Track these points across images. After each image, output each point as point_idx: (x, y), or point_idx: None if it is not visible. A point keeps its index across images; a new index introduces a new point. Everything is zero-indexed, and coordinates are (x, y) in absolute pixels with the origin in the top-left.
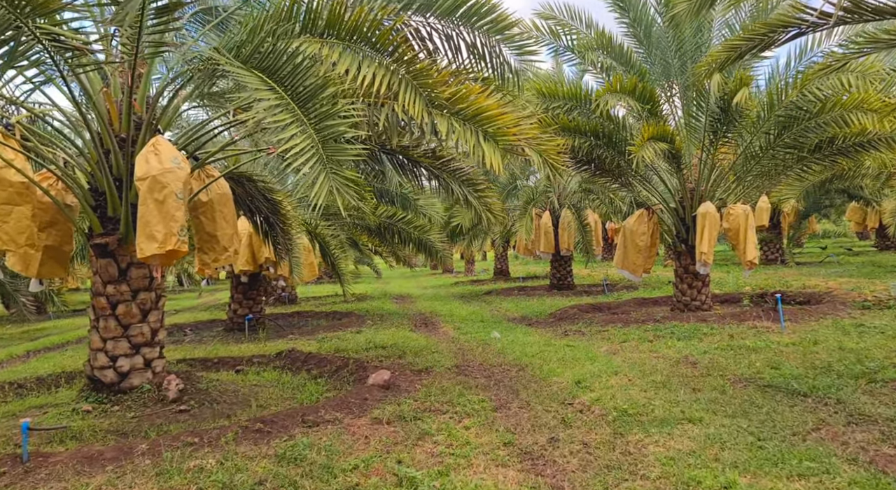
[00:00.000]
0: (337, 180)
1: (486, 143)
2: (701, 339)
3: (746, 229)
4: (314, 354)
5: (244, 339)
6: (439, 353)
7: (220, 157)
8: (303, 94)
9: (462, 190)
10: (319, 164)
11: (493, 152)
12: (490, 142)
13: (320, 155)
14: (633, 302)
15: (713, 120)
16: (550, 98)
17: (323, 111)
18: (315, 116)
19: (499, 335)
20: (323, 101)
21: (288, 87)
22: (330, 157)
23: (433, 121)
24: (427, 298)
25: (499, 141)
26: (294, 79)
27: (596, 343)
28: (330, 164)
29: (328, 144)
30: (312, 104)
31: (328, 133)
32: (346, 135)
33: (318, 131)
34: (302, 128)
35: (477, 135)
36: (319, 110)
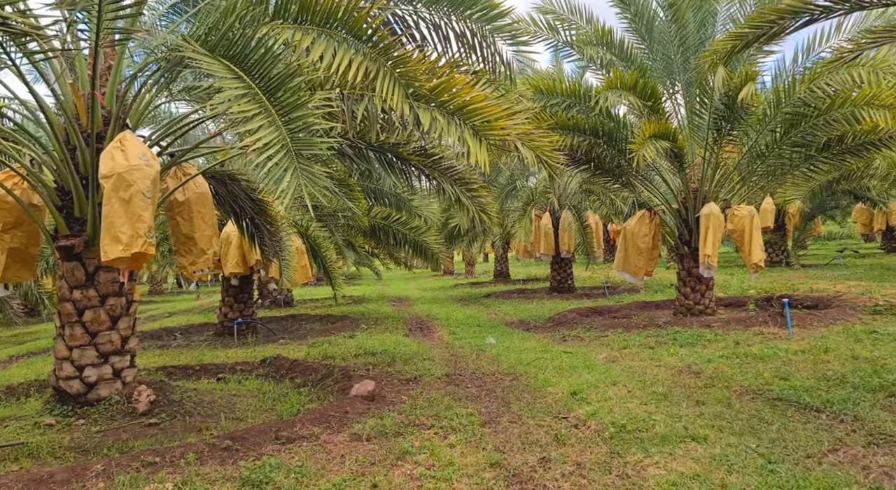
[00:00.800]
0: (307, 176)
1: (472, 138)
2: (705, 345)
3: (752, 231)
4: (300, 362)
5: (233, 343)
6: (431, 360)
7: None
8: (271, 83)
9: (454, 190)
10: (287, 158)
11: (480, 148)
12: (476, 136)
13: (288, 148)
14: (635, 305)
15: (717, 117)
16: (548, 95)
17: (291, 101)
18: (283, 107)
19: (494, 341)
20: (292, 91)
21: (256, 75)
22: (299, 151)
23: (416, 114)
24: (425, 301)
25: (486, 135)
26: (262, 67)
27: (595, 350)
28: (299, 159)
29: (297, 137)
30: (281, 94)
31: (297, 125)
32: (317, 127)
33: (287, 123)
34: (269, 119)
35: (462, 128)
36: (288, 100)
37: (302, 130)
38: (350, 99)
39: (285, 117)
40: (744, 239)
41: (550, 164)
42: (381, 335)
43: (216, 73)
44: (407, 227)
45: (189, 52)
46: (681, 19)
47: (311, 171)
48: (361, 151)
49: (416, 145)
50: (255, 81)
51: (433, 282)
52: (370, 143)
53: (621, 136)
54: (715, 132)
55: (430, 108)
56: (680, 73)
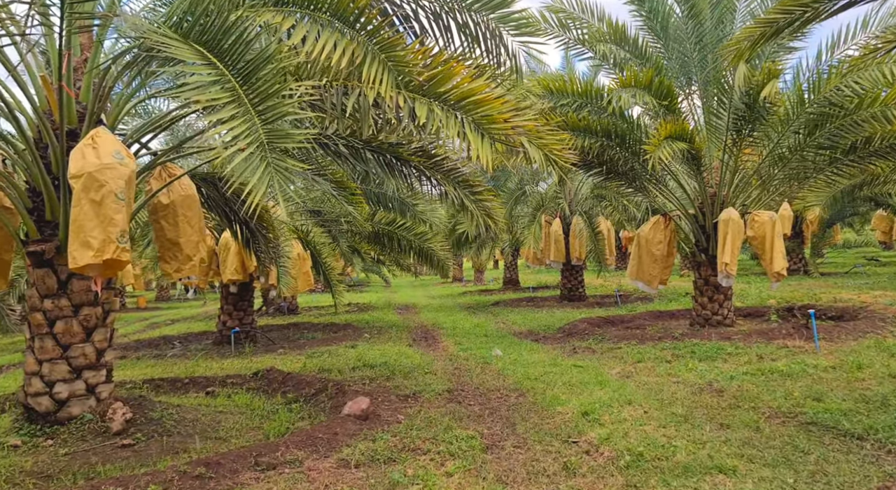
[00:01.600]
0: (280, 172)
1: (473, 133)
2: (725, 359)
3: (773, 238)
4: (293, 375)
5: (230, 353)
6: (432, 373)
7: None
8: (245, 69)
9: (457, 193)
10: (259, 151)
11: (482, 144)
12: (478, 131)
13: (261, 141)
14: (649, 315)
15: (737, 118)
16: (559, 95)
17: (264, 89)
18: (257, 95)
19: (500, 353)
20: (266, 77)
21: (229, 62)
22: (272, 143)
23: (411, 105)
24: (432, 309)
25: (488, 130)
26: (236, 52)
27: (607, 363)
28: (272, 152)
29: (270, 128)
30: (255, 81)
31: (271, 115)
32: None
33: (261, 113)
34: (241, 108)
35: (462, 122)
36: (262, 88)
37: (276, 120)
38: (339, 92)
39: (259, 106)
40: (765, 246)
41: (560, 165)
42: (384, 345)
43: (186, 59)
44: (412, 232)
45: (157, 36)
46: (698, 16)
47: (284, 165)
48: (358, 152)
49: (417, 146)
50: (229, 68)
51: (442, 289)
52: (367, 142)
53: (635, 138)
54: (734, 133)
55: (426, 99)
56: (697, 71)
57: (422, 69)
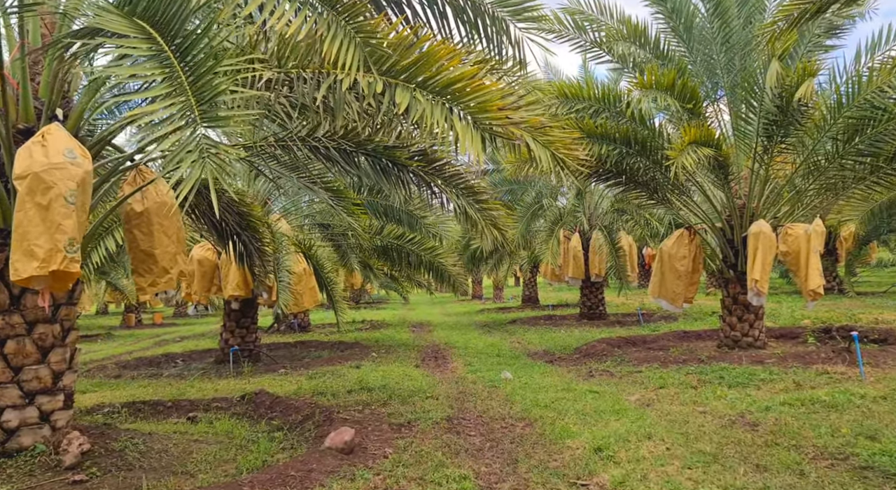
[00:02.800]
0: (215, 160)
1: (461, 122)
2: (758, 386)
3: (809, 253)
4: (282, 399)
5: (228, 372)
6: (434, 398)
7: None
8: (184, 43)
9: (460, 201)
10: (192, 138)
11: (471, 136)
12: (466, 121)
13: (195, 124)
14: (672, 335)
15: (768, 122)
16: (574, 100)
17: (199, 61)
18: (194, 71)
19: (510, 375)
20: (203, 51)
21: (169, 35)
22: (207, 126)
23: (391, 92)
24: (446, 327)
25: (479, 120)
26: (175, 24)
27: (626, 389)
28: (206, 141)
29: (206, 109)
30: (192, 56)
31: (208, 93)
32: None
33: (197, 92)
34: (176, 86)
35: (449, 111)
36: (198, 62)
37: (212, 99)
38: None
39: (196, 84)
40: (799, 262)
41: (569, 166)
42: (390, 366)
43: (120, 31)
44: (421, 247)
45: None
46: (724, 14)
47: (219, 153)
48: (350, 155)
49: (416, 149)
50: (169, 44)
51: (459, 306)
52: (360, 145)
53: (656, 146)
54: (765, 140)
55: (409, 86)
56: (723, 74)
57: (404, 52)
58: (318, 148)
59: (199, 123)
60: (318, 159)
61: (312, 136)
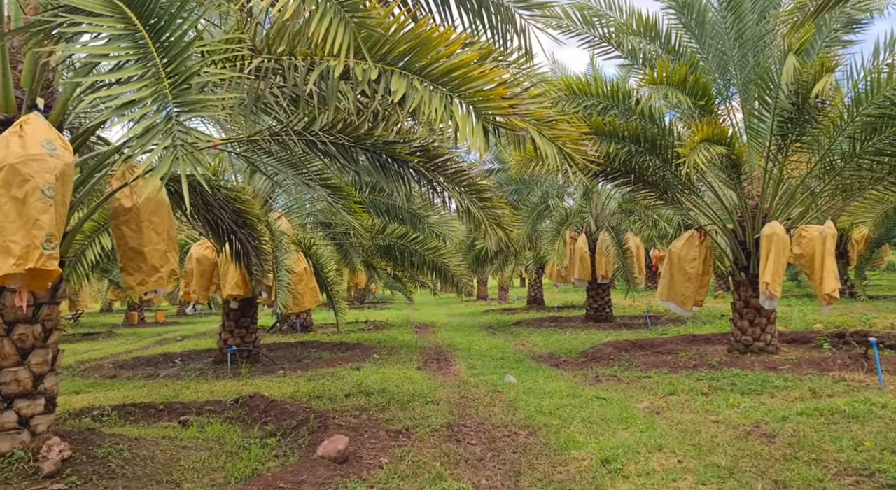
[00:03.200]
0: (187, 152)
1: (462, 113)
2: (772, 394)
3: (824, 255)
4: (277, 403)
5: (226, 373)
6: (435, 403)
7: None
8: (158, 23)
9: (462, 198)
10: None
11: (471, 126)
12: (467, 111)
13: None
14: (681, 339)
15: (783, 120)
16: (582, 96)
17: (174, 41)
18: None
19: (514, 380)
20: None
21: (143, 14)
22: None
23: (387, 79)
24: (451, 328)
25: (481, 111)
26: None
27: (634, 395)
28: (178, 125)
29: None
30: (167, 36)
31: (182, 77)
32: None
33: (170, 75)
34: (148, 68)
35: (448, 100)
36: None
37: (185, 83)
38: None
39: (170, 66)
40: (814, 265)
41: (577, 162)
42: (391, 368)
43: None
44: (425, 247)
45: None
46: (737, 9)
47: (192, 143)
48: (348, 150)
49: (418, 145)
50: (143, 23)
51: (464, 307)
52: (358, 139)
53: (667, 144)
54: (779, 138)
55: (407, 74)
56: (736, 71)
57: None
58: (314, 143)
59: (173, 107)
60: (316, 154)
61: (309, 130)
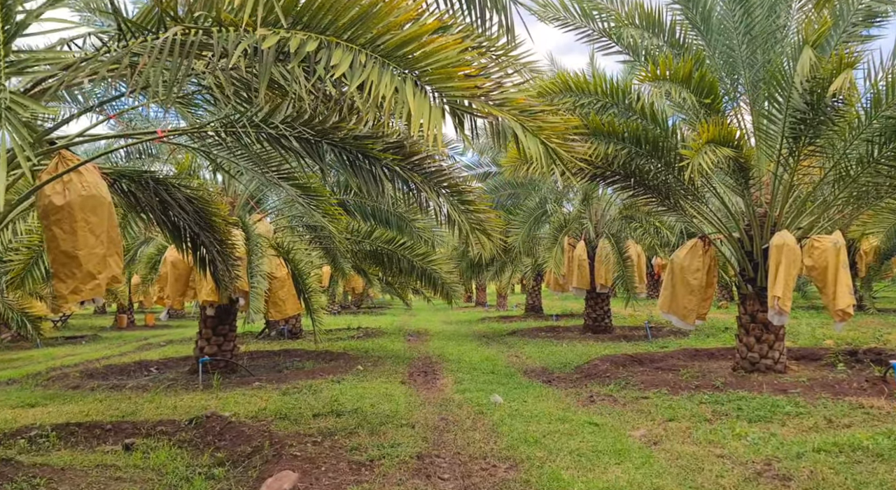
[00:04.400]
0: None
1: (412, 90)
2: (783, 422)
3: (838, 268)
4: (234, 425)
5: (197, 385)
6: (410, 426)
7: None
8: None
9: (440, 200)
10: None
11: (426, 109)
12: (421, 90)
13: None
14: (683, 353)
15: (795, 121)
16: (579, 93)
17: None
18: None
19: (500, 399)
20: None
21: None
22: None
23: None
24: (444, 336)
25: (441, 91)
26: None
27: (630, 419)
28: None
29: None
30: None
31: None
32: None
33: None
34: None
35: (400, 77)
36: None
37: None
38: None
39: None
40: (826, 278)
41: (563, 159)
42: (373, 381)
43: None
44: (413, 253)
45: None
46: (746, 2)
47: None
48: (312, 145)
49: (394, 141)
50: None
51: (462, 314)
52: (324, 133)
53: (669, 146)
54: (791, 141)
55: (351, 47)
56: (745, 69)
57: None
58: (276, 137)
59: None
60: (277, 150)
61: (268, 123)
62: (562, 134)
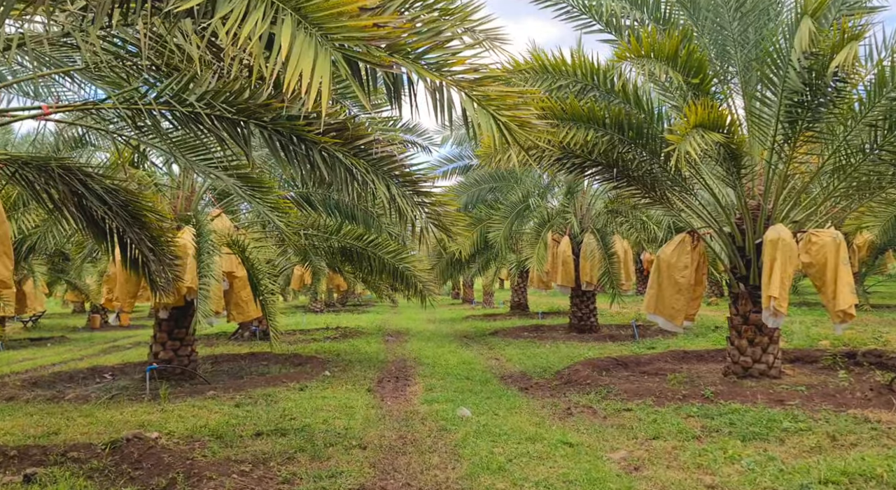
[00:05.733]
0: None
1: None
2: (782, 440)
3: (837, 265)
4: (156, 451)
5: (144, 395)
6: (361, 448)
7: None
8: None
9: (389, 190)
10: None
11: (308, 52)
12: (304, 30)
13: None
14: (670, 355)
15: (792, 104)
16: (556, 73)
17: None
18: None
19: (468, 413)
20: None
21: None
22: None
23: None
24: (424, 337)
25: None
26: None
27: (610, 438)
28: None
29: None
30: None
31: None
32: None
33: None
34: None
35: (277, 13)
36: None
37: None
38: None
39: None
40: (825, 276)
41: (515, 134)
42: (338, 389)
43: None
44: (384, 250)
45: None
46: None
47: None
48: (237, 127)
49: (336, 122)
50: None
51: (448, 311)
52: (251, 113)
53: (655, 133)
54: (787, 126)
55: None
56: (736, 49)
57: None
58: (191, 116)
59: None
60: (192, 131)
61: (180, 100)
62: (513, 106)
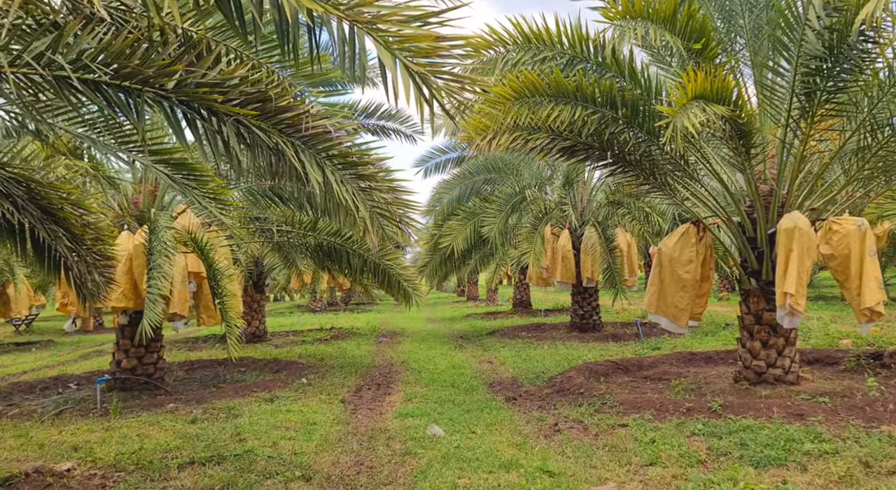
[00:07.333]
0: None
1: None
2: (803, 466)
3: (863, 257)
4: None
5: (95, 410)
6: (306, 479)
7: None
8: None
9: (323, 174)
10: None
11: None
12: None
13: None
14: (675, 357)
15: (809, 72)
16: (539, 45)
17: None
18: None
19: (441, 432)
20: None
21: None
22: None
23: None
24: (419, 338)
25: None
26: None
27: (599, 462)
28: None
29: None
30: None
31: None
32: None
33: None
34: None
35: None
36: None
37: None
38: None
39: None
40: (849, 270)
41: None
42: (310, 399)
43: None
44: (362, 247)
45: None
46: None
47: None
48: (131, 96)
49: (253, 90)
50: None
51: (450, 310)
52: (143, 78)
53: (652, 111)
54: (803, 98)
55: None
56: (744, 11)
57: None
58: (62, 80)
59: None
60: (68, 101)
61: (47, 61)
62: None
